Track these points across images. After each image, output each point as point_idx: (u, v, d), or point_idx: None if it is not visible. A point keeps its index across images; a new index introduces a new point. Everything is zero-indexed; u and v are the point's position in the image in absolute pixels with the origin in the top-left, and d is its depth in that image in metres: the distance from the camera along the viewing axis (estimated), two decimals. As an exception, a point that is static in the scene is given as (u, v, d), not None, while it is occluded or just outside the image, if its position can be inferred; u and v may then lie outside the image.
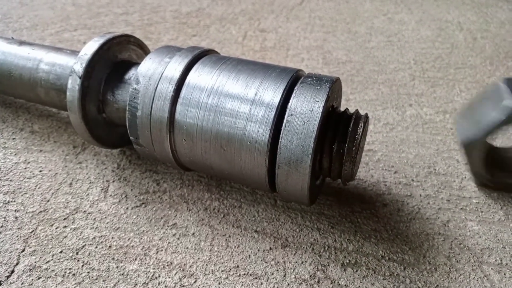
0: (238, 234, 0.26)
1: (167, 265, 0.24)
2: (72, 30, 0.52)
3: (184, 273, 0.23)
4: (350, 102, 0.39)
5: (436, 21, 0.59)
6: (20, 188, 0.28)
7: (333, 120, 0.23)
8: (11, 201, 0.27)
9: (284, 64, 0.46)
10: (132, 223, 0.26)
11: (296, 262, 0.24)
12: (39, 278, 0.23)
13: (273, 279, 0.23)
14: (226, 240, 0.25)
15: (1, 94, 0.36)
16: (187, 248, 0.25)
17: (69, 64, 0.29)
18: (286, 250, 0.25)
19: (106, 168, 0.30)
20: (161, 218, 0.27)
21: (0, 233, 0.25)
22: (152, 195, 0.28)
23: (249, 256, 0.24)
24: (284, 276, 0.23)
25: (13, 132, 0.34)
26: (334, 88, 0.23)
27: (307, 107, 0.21)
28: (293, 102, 0.22)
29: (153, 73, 0.25)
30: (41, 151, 0.32)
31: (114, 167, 0.30)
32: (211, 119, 0.23)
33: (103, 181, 0.29)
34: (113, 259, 0.24)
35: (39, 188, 0.28)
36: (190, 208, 0.27)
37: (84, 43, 0.48)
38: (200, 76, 0.24)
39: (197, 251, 0.24)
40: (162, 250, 0.24)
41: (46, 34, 0.51)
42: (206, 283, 0.23)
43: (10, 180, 0.29)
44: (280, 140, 0.22)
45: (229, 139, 0.23)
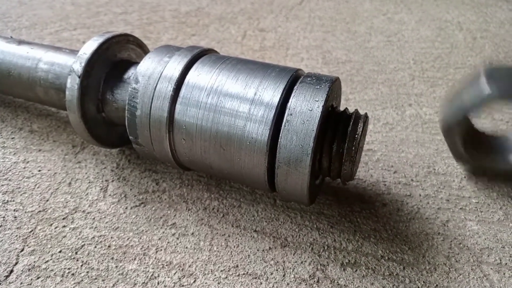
0: (238, 234, 0.26)
1: (166, 265, 0.24)
2: (71, 29, 0.52)
3: (184, 272, 0.23)
4: (349, 101, 0.39)
5: (436, 21, 0.59)
6: (19, 187, 0.28)
7: (333, 120, 0.23)
8: (10, 201, 0.27)
9: (284, 64, 0.46)
10: (131, 222, 0.26)
11: (296, 262, 0.24)
12: (38, 278, 0.23)
13: (273, 279, 0.23)
14: (226, 239, 0.25)
15: (0, 93, 0.36)
16: (187, 247, 0.25)
17: (68, 63, 0.29)
18: (286, 250, 0.25)
19: (105, 167, 0.30)
20: (161, 217, 0.26)
21: (-1, 232, 0.25)
22: (151, 195, 0.28)
23: (249, 255, 0.24)
24: (284, 275, 0.23)
25: (12, 132, 0.34)
26: (334, 87, 0.23)
27: (306, 107, 0.21)
28: (292, 101, 0.22)
29: (152, 72, 0.25)
30: (40, 150, 0.32)
31: (113, 167, 0.30)
32: (210, 118, 0.23)
33: (102, 181, 0.29)
34: (112, 258, 0.24)
35: (38, 187, 0.28)
36: (189, 207, 0.27)
37: (83, 42, 0.48)
38: (199, 75, 0.24)
39: (196, 250, 0.24)
40: (161, 250, 0.24)
41: (45, 33, 0.50)
42: (206, 283, 0.23)
43: (9, 180, 0.29)
44: (279, 140, 0.22)
45: (228, 139, 0.23)
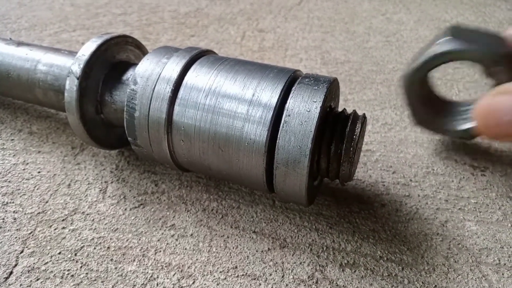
0: (237, 235, 0.26)
1: (165, 266, 0.24)
2: (71, 31, 0.52)
3: (183, 274, 0.23)
4: (348, 102, 0.39)
5: (435, 21, 0.59)
6: (19, 189, 0.28)
7: (331, 121, 0.23)
8: (10, 202, 0.27)
9: (283, 64, 0.46)
10: (131, 224, 0.26)
11: (295, 263, 0.24)
12: (37, 280, 0.23)
13: (272, 280, 0.23)
14: (225, 241, 0.25)
15: (-1, 95, 0.36)
16: (186, 249, 0.25)
17: (67, 65, 0.29)
18: (285, 251, 0.25)
19: (104, 169, 0.30)
20: (160, 219, 0.27)
21: (-1, 234, 0.25)
22: (150, 196, 0.28)
23: (248, 256, 0.24)
24: (283, 276, 0.23)
25: (11, 133, 0.34)
26: (332, 88, 0.23)
27: (304, 108, 0.21)
28: (290, 102, 0.22)
29: (150, 73, 0.25)
30: (39, 152, 0.32)
31: (113, 168, 0.30)
32: (208, 119, 0.23)
33: (101, 182, 0.29)
34: (111, 260, 0.24)
35: (37, 189, 0.28)
36: (188, 209, 0.27)
37: (83, 43, 0.48)
38: (197, 76, 0.24)
39: (195, 252, 0.24)
40: (160, 251, 0.24)
41: (45, 34, 0.51)
42: (205, 284, 0.23)
43: (9, 181, 0.29)
44: (277, 141, 0.22)
45: (226, 140, 0.23)
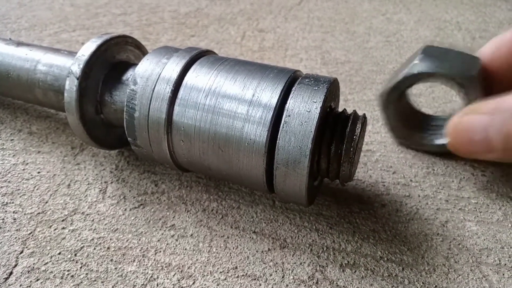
0: (237, 235, 0.26)
1: (165, 267, 0.24)
2: (71, 31, 0.52)
3: (183, 274, 0.23)
4: (348, 102, 0.39)
5: (435, 21, 0.59)
6: (18, 189, 0.28)
7: (331, 121, 0.23)
8: (9, 203, 0.27)
9: (283, 65, 0.46)
10: (131, 224, 0.26)
11: (295, 263, 0.24)
12: (37, 280, 0.23)
13: (272, 280, 0.23)
14: (225, 241, 0.25)
15: (-1, 95, 0.36)
16: (186, 249, 0.25)
17: (67, 65, 0.29)
18: (285, 251, 0.25)
19: (104, 169, 0.30)
20: (160, 219, 0.26)
21: (-2, 234, 0.25)
22: (150, 196, 0.28)
23: (248, 257, 0.24)
24: (283, 277, 0.23)
25: (11, 133, 0.34)
26: (332, 88, 0.23)
27: (304, 108, 0.21)
28: (290, 103, 0.22)
29: (150, 74, 0.25)
30: (39, 152, 0.32)
31: (112, 168, 0.30)
32: (208, 120, 0.23)
33: (101, 182, 0.29)
34: (111, 260, 0.24)
35: (37, 189, 0.28)
36: (188, 209, 0.27)
37: (82, 43, 0.48)
38: (197, 77, 0.24)
39: (195, 252, 0.24)
40: (160, 252, 0.24)
41: (45, 34, 0.51)
42: (205, 284, 0.23)
43: (8, 182, 0.29)
44: (277, 141, 0.22)
45: (226, 140, 0.23)
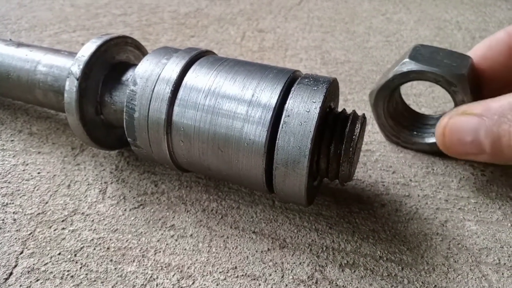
0: (236, 235, 0.26)
1: (165, 267, 0.24)
2: (71, 31, 0.52)
3: (182, 274, 0.23)
4: (348, 102, 0.39)
5: (435, 21, 0.59)
6: (19, 190, 0.28)
7: (331, 121, 0.23)
8: (10, 203, 0.27)
9: (283, 65, 0.46)
10: (130, 224, 0.26)
11: (294, 263, 0.24)
12: (37, 280, 0.23)
13: (271, 280, 0.23)
14: (224, 241, 0.25)
15: (-1, 96, 0.36)
16: (185, 249, 0.25)
17: (67, 66, 0.29)
18: (284, 251, 0.25)
19: (104, 169, 0.30)
20: (159, 219, 0.27)
21: (-2, 235, 0.25)
22: (150, 197, 0.28)
23: (247, 257, 0.24)
24: (282, 277, 0.23)
25: (11, 134, 0.34)
26: (331, 88, 0.23)
27: (304, 108, 0.21)
28: (290, 103, 0.22)
29: (150, 74, 0.25)
30: (39, 153, 0.32)
31: (112, 169, 0.30)
32: (208, 120, 0.23)
33: (101, 183, 0.29)
34: (111, 260, 0.24)
35: (37, 190, 0.28)
36: (188, 209, 0.27)
37: (83, 44, 0.48)
38: (197, 77, 0.24)
39: (195, 252, 0.24)
40: (160, 252, 0.24)
41: (45, 35, 0.51)
42: (204, 285, 0.23)
43: (9, 182, 0.29)
44: (277, 141, 0.22)
45: (226, 140, 0.23)
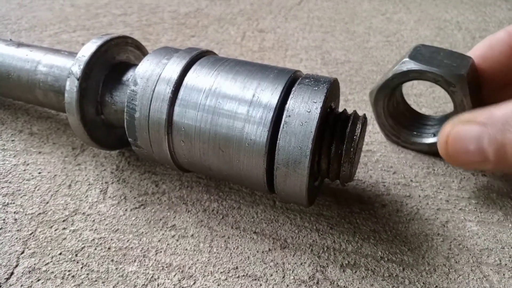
0: (237, 236, 0.26)
1: (166, 267, 0.24)
2: (71, 31, 0.52)
3: (183, 274, 0.23)
4: (349, 102, 0.39)
5: (435, 21, 0.59)
6: (19, 190, 0.28)
7: (331, 121, 0.23)
8: (10, 203, 0.27)
9: (283, 65, 0.46)
10: (131, 224, 0.26)
11: (295, 263, 0.24)
12: (38, 280, 0.23)
13: (272, 280, 0.23)
14: (225, 241, 0.25)
15: (-1, 96, 0.36)
16: (186, 249, 0.25)
17: (67, 66, 0.29)
18: (285, 251, 0.25)
19: (105, 169, 0.30)
20: (160, 219, 0.27)
21: (0, 235, 0.25)
22: (151, 197, 0.28)
23: (248, 257, 0.24)
24: (283, 277, 0.23)
25: (12, 134, 0.34)
26: (332, 89, 0.23)
27: (304, 108, 0.21)
28: (290, 103, 0.22)
29: (151, 74, 0.25)
30: (40, 153, 0.32)
31: (113, 169, 0.30)
32: (209, 120, 0.23)
33: (102, 183, 0.29)
34: (112, 260, 0.24)
35: (38, 190, 0.28)
36: (189, 209, 0.27)
37: (83, 44, 0.48)
38: (198, 77, 0.24)
39: (196, 252, 0.24)
40: (161, 252, 0.24)
41: (45, 35, 0.51)
42: (205, 285, 0.23)
43: (9, 182, 0.29)
44: (278, 141, 0.22)
45: (227, 141, 0.23)
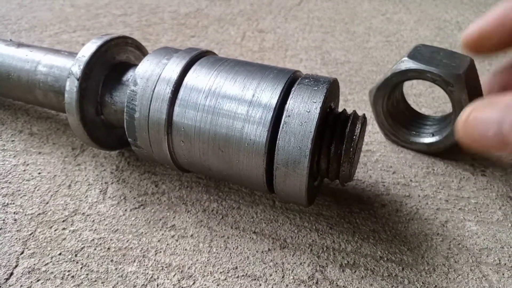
0: (237, 236, 0.26)
1: (165, 267, 0.24)
2: (71, 32, 0.52)
3: (183, 274, 0.23)
4: (348, 102, 0.39)
5: (435, 21, 0.59)
6: (19, 190, 0.28)
7: (331, 121, 0.23)
8: (10, 203, 0.27)
9: (283, 65, 0.46)
10: (131, 225, 0.26)
11: (295, 263, 0.24)
12: (38, 281, 0.23)
13: (272, 280, 0.23)
14: (225, 241, 0.25)
15: (-1, 96, 0.36)
16: (186, 249, 0.25)
17: (67, 66, 0.29)
18: (285, 251, 0.25)
19: (104, 170, 0.30)
20: (160, 219, 0.27)
21: (-1, 235, 0.25)
22: (150, 197, 0.28)
23: (248, 257, 0.24)
24: (283, 277, 0.23)
25: (12, 134, 0.34)
26: (332, 89, 0.23)
27: (304, 108, 0.21)
28: (290, 103, 0.22)
29: (150, 74, 0.25)
30: (40, 153, 0.32)
31: (113, 169, 0.30)
32: (208, 120, 0.23)
33: (101, 183, 0.29)
34: (111, 261, 0.24)
35: (38, 190, 0.28)
36: (188, 209, 0.27)
37: (83, 44, 0.48)
38: (197, 77, 0.24)
39: (195, 252, 0.25)
40: (160, 252, 0.24)
41: (45, 35, 0.51)
42: (205, 285, 0.23)
43: (9, 182, 0.29)
44: (277, 141, 0.22)
45: (226, 141, 0.23)
